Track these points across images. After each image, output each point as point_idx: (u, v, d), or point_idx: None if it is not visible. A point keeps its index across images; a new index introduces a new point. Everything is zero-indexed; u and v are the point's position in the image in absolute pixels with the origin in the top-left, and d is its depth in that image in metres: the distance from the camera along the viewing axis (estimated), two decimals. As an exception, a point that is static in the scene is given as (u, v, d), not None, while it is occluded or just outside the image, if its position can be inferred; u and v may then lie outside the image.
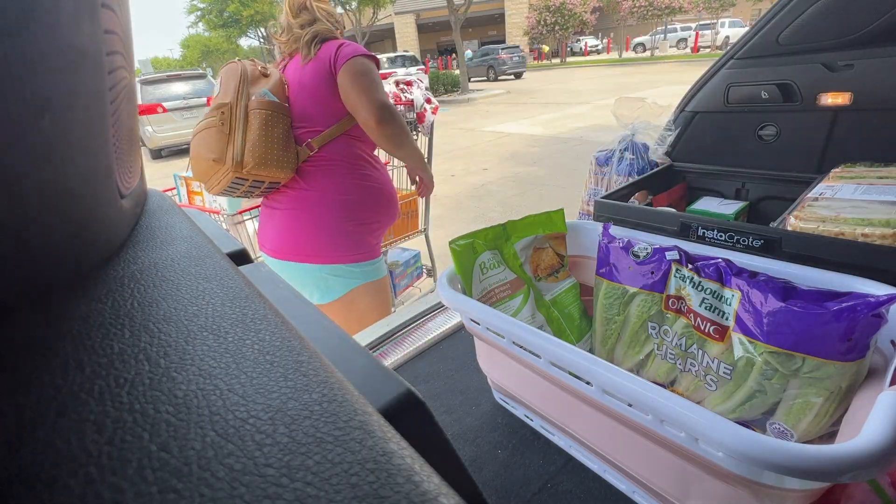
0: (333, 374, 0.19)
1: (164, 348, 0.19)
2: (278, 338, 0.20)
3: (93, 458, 0.14)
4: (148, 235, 0.30)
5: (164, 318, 0.21)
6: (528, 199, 4.75)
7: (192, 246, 0.29)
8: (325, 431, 0.15)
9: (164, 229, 0.32)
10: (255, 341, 0.20)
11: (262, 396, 0.17)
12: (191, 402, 0.16)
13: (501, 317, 0.63)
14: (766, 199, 1.23)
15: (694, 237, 0.84)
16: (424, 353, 1.01)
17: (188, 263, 0.27)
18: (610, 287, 0.75)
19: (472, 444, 0.74)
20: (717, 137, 1.33)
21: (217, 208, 2.25)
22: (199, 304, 0.22)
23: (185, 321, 0.21)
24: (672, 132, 1.36)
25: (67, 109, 0.18)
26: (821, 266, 0.63)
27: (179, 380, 0.17)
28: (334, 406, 0.17)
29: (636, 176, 1.30)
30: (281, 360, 0.19)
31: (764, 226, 0.82)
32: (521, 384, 0.72)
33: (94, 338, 0.19)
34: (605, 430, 0.59)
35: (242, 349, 0.19)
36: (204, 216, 0.41)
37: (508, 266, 0.80)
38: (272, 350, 0.20)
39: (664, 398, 0.45)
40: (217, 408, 0.16)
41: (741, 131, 1.29)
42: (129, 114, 0.27)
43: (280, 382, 0.18)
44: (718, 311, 0.62)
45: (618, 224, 0.89)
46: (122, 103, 0.25)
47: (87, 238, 0.23)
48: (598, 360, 0.52)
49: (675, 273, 0.67)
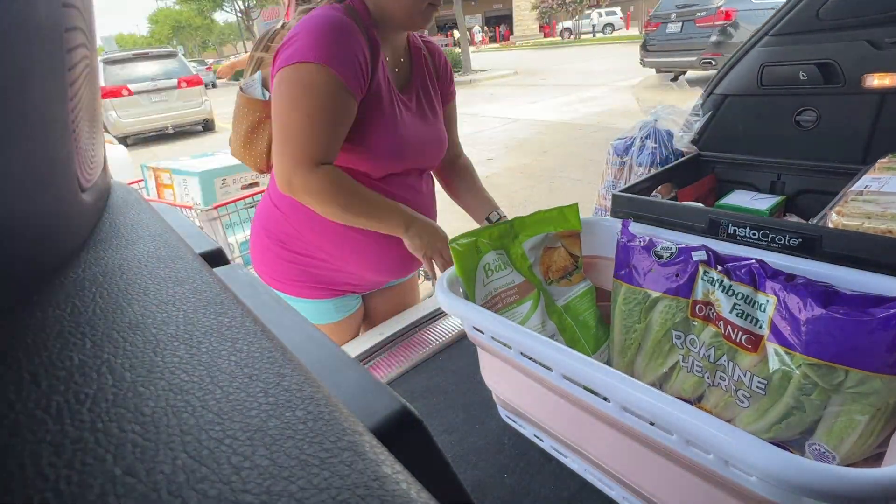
0: (320, 389, 0.19)
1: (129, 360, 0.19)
2: (258, 348, 0.20)
3: (50, 484, 0.14)
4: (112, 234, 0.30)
5: (130, 326, 0.21)
6: (537, 192, 4.75)
7: (162, 245, 0.29)
8: (310, 453, 0.15)
9: (130, 227, 0.32)
10: (232, 352, 0.20)
11: (239, 414, 0.17)
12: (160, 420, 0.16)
13: (508, 324, 0.63)
14: (805, 193, 1.23)
15: (724, 235, 0.84)
16: (422, 366, 1.01)
17: (157, 265, 0.27)
18: (630, 291, 0.75)
19: (476, 468, 0.74)
20: (749, 124, 1.33)
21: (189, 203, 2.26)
22: (169, 311, 0.22)
23: (154, 330, 0.21)
24: (699, 118, 1.36)
25: (20, 92, 0.18)
26: (866, 268, 0.63)
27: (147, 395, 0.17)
28: (321, 425, 0.17)
29: (659, 167, 1.31)
30: (261, 373, 0.19)
31: (802, 222, 0.82)
32: (530, 400, 0.72)
33: (51, 348, 0.19)
34: (624, 452, 0.59)
35: (217, 361, 0.19)
36: (175, 212, 0.41)
37: (516, 268, 0.81)
38: (251, 362, 0.20)
39: (690, 416, 0.45)
40: (189, 427, 0.16)
41: (777, 117, 1.29)
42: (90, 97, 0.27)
43: (260, 398, 0.18)
44: (751, 319, 0.62)
45: (638, 221, 0.90)
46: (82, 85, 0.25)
47: (44, 237, 0.23)
48: (616, 373, 0.52)
49: (702, 276, 0.67)
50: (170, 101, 9.83)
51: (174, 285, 0.25)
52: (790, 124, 1.27)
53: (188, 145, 9.53)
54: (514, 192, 4.78)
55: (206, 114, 10.43)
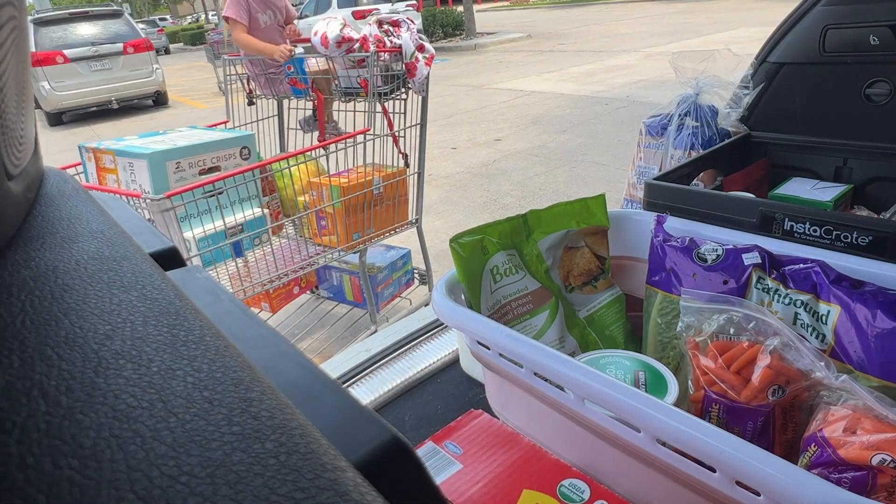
0: (294, 417, 0.19)
1: (66, 382, 0.19)
2: (220, 367, 0.21)
3: (-29, 530, 0.14)
4: (44, 230, 0.30)
5: (67, 341, 0.21)
6: (555, 179, 4.75)
7: (105, 244, 0.29)
8: (282, 493, 0.16)
9: (67, 221, 0.32)
10: (189, 372, 0.20)
11: (197, 446, 0.17)
12: (102, 453, 0.16)
13: (520, 339, 0.63)
14: (876, 181, 1.23)
15: (779, 232, 0.84)
16: (415, 389, 1.01)
17: (99, 267, 0.27)
18: (666, 301, 0.75)
19: (480, 511, 0.74)
20: (809, 98, 1.33)
21: (138, 190, 2.25)
22: (114, 323, 0.22)
23: (95, 345, 0.21)
24: (749, 91, 1.36)
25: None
26: (949, 271, 0.63)
27: (87, 423, 0.17)
28: (295, 459, 0.17)
29: (701, 150, 1.31)
30: (223, 397, 0.19)
31: (873, 217, 0.82)
32: (545, 429, 0.73)
33: (-28, 367, 0.19)
34: (657, 491, 0.59)
35: (172, 383, 0.19)
36: (120, 202, 0.41)
37: (530, 272, 0.81)
38: (212, 384, 0.20)
39: (737, 449, 0.45)
40: (137, 461, 0.16)
41: (842, 89, 1.29)
42: (18, 66, 0.27)
43: (222, 427, 0.18)
44: (816, 332, 0.62)
45: (676, 215, 0.90)
46: (8, 51, 0.25)
47: (-37, 233, 0.23)
48: (648, 397, 0.52)
49: (756, 283, 0.67)
50: (114, 69, 9.83)
51: (119, 292, 0.25)
52: (859, 98, 1.27)
53: (136, 123, 9.53)
54: (527, 180, 4.79)
55: (158, 85, 10.42)
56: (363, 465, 0.19)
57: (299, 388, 0.23)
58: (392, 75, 2.33)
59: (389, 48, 2.29)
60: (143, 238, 0.34)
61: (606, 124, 6.20)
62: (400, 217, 2.50)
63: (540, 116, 6.89)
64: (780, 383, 0.59)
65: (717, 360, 0.62)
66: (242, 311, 0.29)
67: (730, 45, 1.42)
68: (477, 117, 7.20)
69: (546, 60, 10.99)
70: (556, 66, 10.21)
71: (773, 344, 0.60)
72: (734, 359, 0.62)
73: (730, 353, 0.63)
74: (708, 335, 0.65)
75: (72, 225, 0.31)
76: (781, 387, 0.59)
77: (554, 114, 6.93)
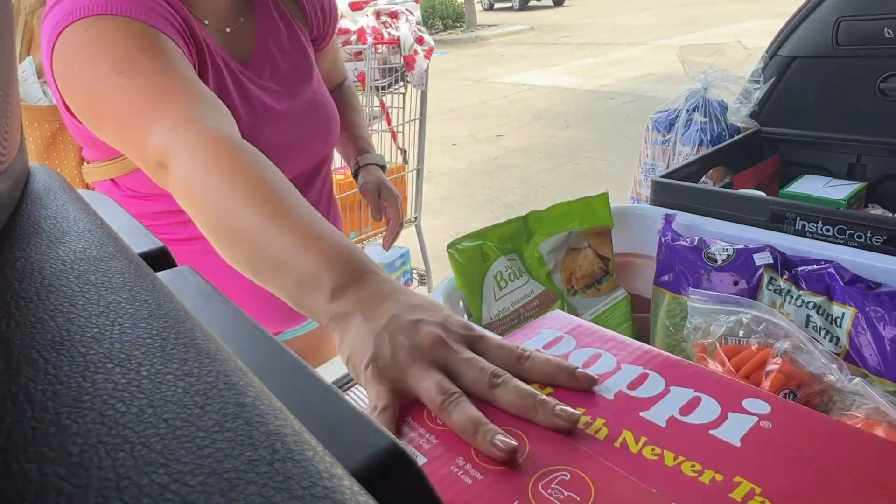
0: (289, 423, 0.19)
1: (52, 386, 0.19)
2: (212, 371, 0.21)
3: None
4: (30, 229, 0.30)
5: (53, 343, 0.21)
6: (559, 176, 4.75)
7: (93, 243, 0.29)
8: (276, 501, 0.16)
9: (54, 220, 0.32)
10: (180, 376, 0.20)
11: (188, 453, 0.17)
12: (90, 460, 0.16)
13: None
14: (891, 179, 1.23)
15: (791, 231, 0.84)
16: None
17: (87, 268, 0.27)
18: (675, 302, 0.75)
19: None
20: (822, 92, 1.33)
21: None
22: (102, 325, 0.22)
23: (82, 348, 0.21)
24: (760, 85, 1.36)
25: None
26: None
27: (74, 430, 0.17)
28: (290, 466, 0.17)
29: (710, 146, 1.31)
30: (216, 402, 0.19)
31: (888, 216, 0.82)
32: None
33: (-45, 371, 0.19)
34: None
35: (162, 387, 0.19)
36: (109, 202, 0.41)
37: (532, 275, 0.80)
38: (203, 389, 0.20)
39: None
40: (126, 469, 0.16)
41: (856, 84, 1.29)
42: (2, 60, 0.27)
43: (214, 434, 0.18)
44: (829, 335, 0.62)
45: (685, 213, 0.90)
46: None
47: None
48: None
49: (767, 284, 0.67)
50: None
51: (108, 293, 0.25)
52: (873, 93, 1.27)
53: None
54: (529, 177, 4.79)
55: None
56: (361, 472, 0.19)
57: (294, 392, 0.23)
58: (390, 68, 2.33)
59: (387, 40, 2.28)
60: (132, 238, 0.34)
61: (612, 120, 6.20)
62: (398, 215, 2.50)
63: (543, 111, 6.89)
64: (791, 387, 0.59)
65: (726, 363, 0.62)
66: (236, 314, 0.29)
67: (739, 37, 1.41)
68: (478, 112, 7.20)
69: (549, 53, 10.99)
70: (560, 59, 10.21)
71: (784, 346, 0.60)
72: (743, 363, 0.62)
73: (739, 357, 0.63)
74: (716, 338, 0.65)
75: (59, 224, 0.31)
76: (793, 391, 0.59)
77: (558, 109, 6.93)
